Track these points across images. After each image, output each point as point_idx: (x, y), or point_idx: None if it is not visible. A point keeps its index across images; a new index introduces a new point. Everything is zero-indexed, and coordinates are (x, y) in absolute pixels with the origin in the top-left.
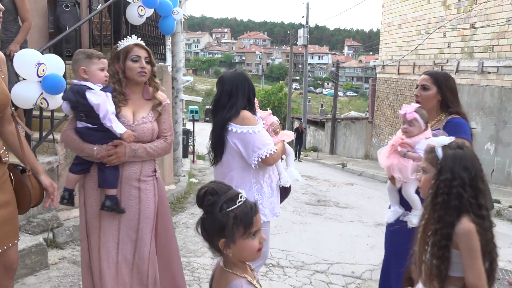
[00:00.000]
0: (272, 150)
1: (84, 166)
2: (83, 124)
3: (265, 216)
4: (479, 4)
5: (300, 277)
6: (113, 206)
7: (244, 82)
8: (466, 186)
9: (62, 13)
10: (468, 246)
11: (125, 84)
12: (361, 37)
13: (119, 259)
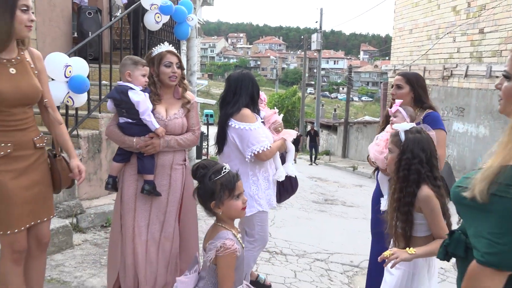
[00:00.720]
0: (265, 147)
1: (125, 156)
2: (124, 120)
3: (260, 206)
4: (488, 9)
5: (301, 264)
6: (151, 189)
7: (248, 81)
8: (423, 164)
9: (85, 19)
10: (430, 207)
11: (159, 86)
12: (377, 42)
13: (148, 238)
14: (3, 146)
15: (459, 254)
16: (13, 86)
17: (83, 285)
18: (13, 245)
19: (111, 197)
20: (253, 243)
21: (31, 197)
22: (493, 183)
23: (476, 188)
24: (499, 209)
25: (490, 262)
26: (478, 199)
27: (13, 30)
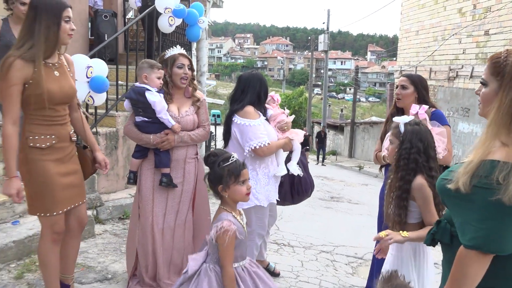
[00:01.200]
0: (262, 144)
1: (143, 153)
2: (141, 118)
3: (258, 200)
4: (493, 11)
5: (308, 255)
6: (169, 182)
7: (257, 81)
8: (421, 153)
9: (102, 22)
10: (423, 195)
11: (171, 86)
12: (385, 43)
13: (164, 226)
14: (48, 138)
15: (445, 241)
16: (58, 87)
17: (106, 270)
18: (53, 227)
19: (127, 191)
20: (252, 233)
21: (68, 183)
22: (475, 176)
23: (460, 181)
24: (481, 199)
25: (475, 246)
26: (462, 190)
27: (59, 38)
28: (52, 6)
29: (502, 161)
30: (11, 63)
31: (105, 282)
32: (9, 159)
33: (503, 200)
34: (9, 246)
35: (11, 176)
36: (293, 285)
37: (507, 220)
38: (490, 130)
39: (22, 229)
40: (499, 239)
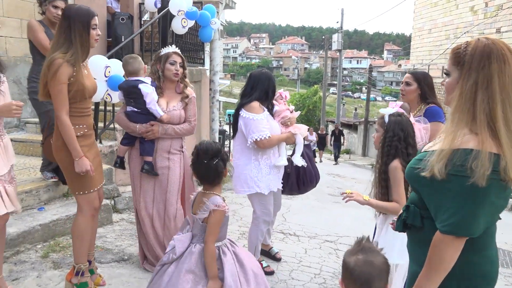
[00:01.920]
0: (263, 136)
1: (130, 140)
2: (131, 108)
3: (259, 188)
4: (504, 9)
5: (312, 244)
6: (150, 169)
7: (265, 79)
8: (401, 141)
9: (119, 25)
10: (394, 177)
11: (162, 80)
12: (402, 41)
13: (153, 213)
14: (81, 127)
15: (417, 224)
16: (89, 83)
17: (123, 252)
18: (92, 203)
19: None
20: (255, 220)
21: (96, 165)
22: (449, 164)
23: (435, 168)
24: (456, 186)
25: (450, 231)
26: (438, 177)
27: (90, 43)
28: (83, 16)
29: (474, 149)
30: (61, 65)
31: (121, 262)
32: (73, 143)
33: (477, 183)
34: (36, 229)
35: (80, 156)
36: (295, 269)
37: (479, 205)
38: (455, 117)
39: (47, 215)
40: (472, 224)
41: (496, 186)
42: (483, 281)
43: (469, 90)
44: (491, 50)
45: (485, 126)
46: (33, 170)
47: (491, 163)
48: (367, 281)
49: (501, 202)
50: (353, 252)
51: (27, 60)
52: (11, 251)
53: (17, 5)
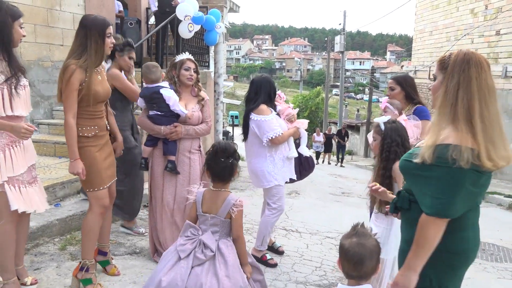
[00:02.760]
0: (277, 134)
1: (153, 142)
2: (154, 112)
3: (276, 180)
4: (504, 12)
5: (313, 240)
6: (173, 168)
7: (266, 83)
8: (399, 145)
9: (127, 29)
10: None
11: (178, 85)
12: (404, 42)
13: (174, 208)
14: (93, 128)
15: (404, 207)
16: (101, 88)
17: (135, 245)
18: (101, 200)
19: None
20: (271, 210)
21: (108, 164)
22: (434, 155)
23: (425, 155)
24: (437, 175)
25: (434, 213)
26: (427, 161)
27: (105, 51)
28: (99, 26)
29: (453, 144)
30: (74, 70)
31: (134, 255)
32: (72, 145)
33: (461, 165)
34: (54, 224)
35: (76, 158)
36: (297, 262)
37: (457, 191)
38: (440, 113)
39: (63, 210)
40: (451, 207)
41: (471, 175)
42: (459, 257)
43: (452, 88)
44: (470, 58)
45: (464, 122)
46: (47, 169)
47: (469, 155)
48: (359, 260)
49: (477, 189)
50: (349, 235)
51: (40, 64)
52: (31, 244)
53: (32, 11)
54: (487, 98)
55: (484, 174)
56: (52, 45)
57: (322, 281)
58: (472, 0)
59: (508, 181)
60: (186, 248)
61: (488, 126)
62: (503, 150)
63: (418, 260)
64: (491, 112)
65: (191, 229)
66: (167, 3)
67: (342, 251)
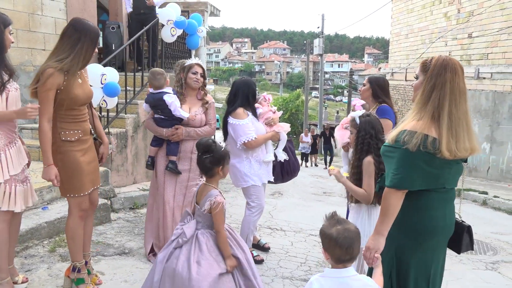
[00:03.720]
0: (250, 138)
1: (158, 142)
2: (159, 116)
3: (253, 181)
4: (475, 15)
5: (297, 237)
6: (174, 167)
7: (245, 86)
8: (372, 137)
9: (109, 33)
10: (367, 169)
11: (185, 88)
12: (382, 45)
13: (174, 205)
14: (77, 132)
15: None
16: (82, 91)
17: (123, 246)
18: (81, 205)
19: (136, 185)
20: (251, 209)
21: (91, 169)
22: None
23: (389, 138)
24: (395, 155)
25: (393, 185)
26: (390, 143)
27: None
28: (93, 33)
29: (408, 130)
30: (51, 74)
31: (123, 255)
32: (46, 150)
33: (409, 147)
34: (42, 226)
35: (49, 164)
36: (283, 258)
37: (411, 167)
38: (415, 108)
39: (51, 213)
40: (407, 180)
41: (422, 156)
42: (425, 234)
43: (428, 90)
44: (447, 63)
45: (430, 116)
46: (33, 173)
47: (420, 140)
48: (350, 245)
49: (436, 171)
50: (331, 224)
51: (22, 68)
52: (21, 246)
53: (13, 16)
54: (457, 99)
55: (437, 157)
56: (34, 50)
57: (307, 275)
58: (445, 4)
59: (482, 178)
60: (177, 233)
61: (454, 122)
62: (466, 143)
63: (384, 226)
64: (459, 111)
65: (188, 216)
66: (142, 4)
67: (331, 240)
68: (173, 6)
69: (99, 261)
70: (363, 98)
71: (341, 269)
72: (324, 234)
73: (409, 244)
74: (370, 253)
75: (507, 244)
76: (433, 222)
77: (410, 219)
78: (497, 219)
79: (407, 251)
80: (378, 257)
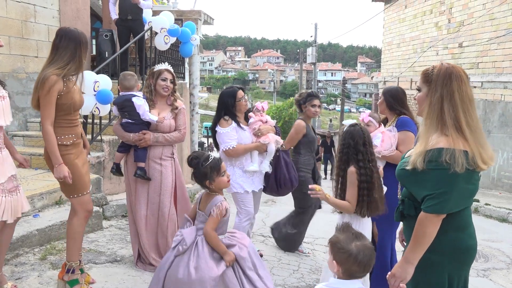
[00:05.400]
0: (228, 147)
1: (125, 148)
2: (126, 120)
3: (235, 188)
4: (466, 25)
5: None
6: (142, 174)
7: (226, 96)
8: (350, 147)
9: (102, 41)
10: (350, 179)
11: (154, 94)
12: (374, 54)
13: (148, 214)
14: (71, 136)
15: (412, 214)
16: (78, 97)
17: (115, 254)
18: (86, 205)
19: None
20: (239, 215)
21: (86, 171)
22: (426, 160)
23: (417, 162)
24: (432, 177)
25: (432, 210)
26: (418, 168)
27: None
28: (84, 39)
29: (445, 147)
30: (56, 81)
31: (115, 263)
32: (54, 151)
33: (456, 170)
34: (33, 234)
35: (60, 163)
36: (275, 266)
37: (452, 189)
38: (427, 123)
39: (42, 221)
40: (447, 204)
41: (465, 175)
42: (468, 253)
43: (437, 101)
44: (452, 72)
45: (454, 128)
46: (25, 180)
47: (463, 158)
48: (368, 262)
49: (472, 187)
50: (350, 239)
51: (14, 75)
52: (11, 254)
53: (6, 23)
54: (469, 108)
55: (476, 172)
56: (27, 57)
57: (300, 283)
58: (436, 14)
59: None
60: (177, 240)
61: (474, 132)
62: (489, 151)
63: (416, 254)
64: (474, 120)
65: (187, 222)
66: (128, 9)
67: (350, 256)
68: (167, 14)
69: (90, 268)
70: (381, 111)
71: (348, 281)
72: (341, 248)
73: (453, 267)
74: (396, 281)
75: (498, 252)
76: (473, 240)
77: (451, 241)
78: (489, 227)
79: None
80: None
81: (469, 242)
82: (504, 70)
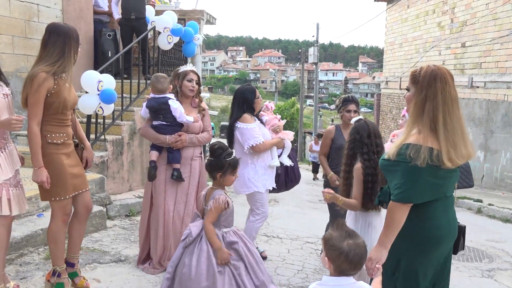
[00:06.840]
0: (258, 142)
1: (158, 148)
2: (159, 122)
3: (257, 187)
4: (468, 25)
5: (294, 245)
6: (179, 175)
7: (247, 93)
8: (356, 142)
9: (106, 41)
10: (356, 176)
11: (180, 95)
12: (375, 54)
13: (174, 214)
14: (62, 135)
15: (386, 200)
16: (70, 96)
17: (119, 254)
18: (64, 209)
19: (132, 193)
20: (255, 216)
21: (75, 173)
22: (396, 153)
23: (390, 153)
24: (401, 168)
25: (398, 199)
26: (391, 158)
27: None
28: (74, 34)
29: (412, 143)
30: (45, 78)
31: (119, 262)
32: (36, 153)
33: (417, 164)
34: (38, 233)
35: (40, 166)
36: (280, 266)
37: (416, 181)
38: (410, 120)
39: (47, 220)
40: (412, 194)
41: (428, 169)
42: (430, 242)
43: (421, 101)
44: (437, 74)
45: (428, 127)
46: (28, 180)
47: (427, 153)
48: (359, 261)
49: (440, 181)
50: (342, 237)
51: (18, 75)
52: (16, 254)
53: (9, 23)
54: (450, 108)
55: (443, 169)
56: (30, 56)
57: (304, 283)
58: (439, 14)
59: (476, 186)
60: (186, 233)
61: (450, 131)
62: (463, 149)
63: (387, 238)
64: (453, 119)
65: (197, 218)
66: (132, 7)
67: (342, 254)
68: (170, 14)
69: (95, 268)
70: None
71: (340, 277)
72: (333, 245)
73: (416, 253)
74: (372, 263)
75: (502, 252)
76: (439, 231)
77: (416, 229)
78: (492, 227)
79: (415, 261)
80: (379, 268)
81: (434, 233)
82: (507, 70)
